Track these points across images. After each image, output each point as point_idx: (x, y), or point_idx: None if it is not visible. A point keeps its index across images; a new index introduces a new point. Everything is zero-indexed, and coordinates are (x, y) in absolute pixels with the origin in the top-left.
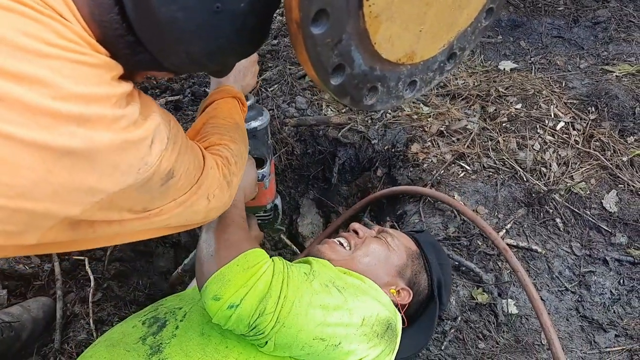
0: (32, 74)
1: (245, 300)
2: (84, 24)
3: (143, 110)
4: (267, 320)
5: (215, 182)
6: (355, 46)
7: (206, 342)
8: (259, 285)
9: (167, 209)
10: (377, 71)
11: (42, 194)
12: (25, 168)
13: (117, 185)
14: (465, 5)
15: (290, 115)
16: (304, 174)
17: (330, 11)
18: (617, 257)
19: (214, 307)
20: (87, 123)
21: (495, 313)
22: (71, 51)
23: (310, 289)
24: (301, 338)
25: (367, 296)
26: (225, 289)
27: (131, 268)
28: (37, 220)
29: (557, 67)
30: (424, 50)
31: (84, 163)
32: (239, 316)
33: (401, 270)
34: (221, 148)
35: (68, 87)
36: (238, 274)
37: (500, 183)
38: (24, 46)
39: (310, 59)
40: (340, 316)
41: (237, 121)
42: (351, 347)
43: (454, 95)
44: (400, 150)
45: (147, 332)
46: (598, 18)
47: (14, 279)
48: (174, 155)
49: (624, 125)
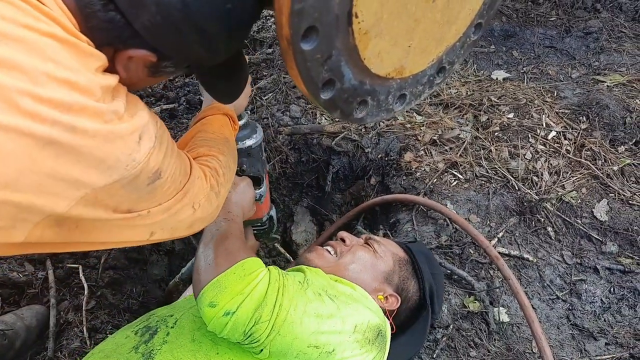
0: (9, 57)
1: (241, 307)
2: (64, 8)
3: (129, 107)
4: (262, 328)
5: (202, 192)
6: (345, 61)
7: (197, 348)
8: (255, 294)
9: (152, 212)
10: (367, 85)
11: (27, 184)
12: (9, 155)
13: (103, 179)
14: (453, 20)
15: (284, 123)
16: (298, 182)
17: (320, 28)
18: (608, 265)
19: (209, 314)
20: (71, 110)
21: (486, 321)
22: (50, 36)
23: (304, 297)
24: (296, 346)
25: (359, 304)
26: (221, 296)
27: (125, 276)
28: (23, 214)
29: (549, 77)
30: (413, 65)
31: (68, 153)
32: (235, 324)
33: (388, 276)
34: (210, 159)
35: (48, 71)
36: (235, 281)
37: (492, 192)
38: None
39: (301, 74)
40: (333, 324)
41: (227, 136)
42: (344, 354)
43: (447, 104)
44: (394, 158)
45: (140, 341)
46: (590, 28)
47: (8, 287)
48: (161, 156)
49: (615, 134)
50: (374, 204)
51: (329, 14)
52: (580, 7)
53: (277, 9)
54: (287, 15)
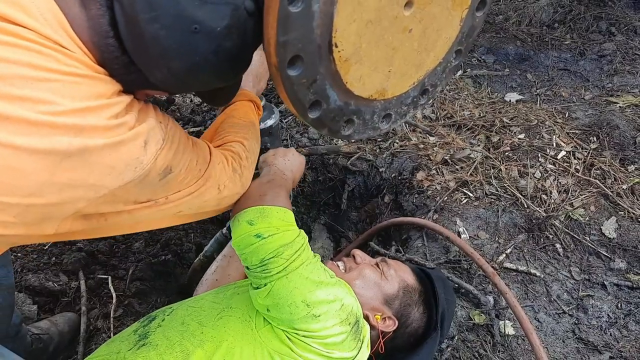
0: (34, 96)
1: (272, 237)
2: (85, 49)
3: (140, 117)
4: (278, 263)
5: (225, 174)
6: (330, 85)
7: (185, 329)
8: (287, 235)
9: (173, 197)
10: (352, 106)
11: (49, 192)
12: (31, 173)
13: (117, 182)
14: (431, 48)
15: (302, 144)
16: (315, 200)
17: (304, 56)
18: (616, 282)
19: (243, 229)
20: (83, 132)
21: (492, 333)
22: (70, 74)
23: (315, 263)
24: (293, 295)
25: (348, 290)
26: (261, 221)
27: (151, 287)
28: (50, 212)
29: (562, 99)
30: (395, 88)
31: (82, 165)
32: (259, 248)
33: (389, 299)
34: (234, 144)
35: (66, 104)
36: (276, 217)
37: (501, 209)
38: (28, 75)
39: (289, 96)
40: (327, 294)
41: (252, 120)
42: (327, 323)
43: (460, 125)
44: (407, 177)
45: (139, 326)
46: (604, 51)
47: (44, 295)
48: (171, 154)
49: (625, 154)
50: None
51: (311, 44)
52: (595, 30)
53: (265, 40)
54: (274, 46)
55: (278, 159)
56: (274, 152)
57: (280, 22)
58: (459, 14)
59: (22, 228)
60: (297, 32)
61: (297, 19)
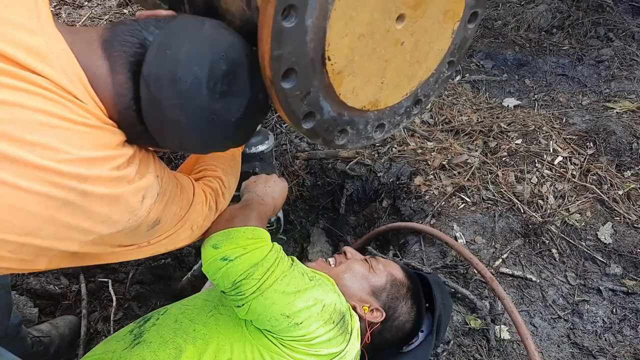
0: (44, 142)
1: (239, 259)
2: (99, 103)
3: (140, 169)
4: (250, 284)
5: (201, 215)
6: (323, 97)
7: (178, 327)
8: (256, 253)
9: (154, 241)
10: (346, 117)
11: (45, 233)
12: (31, 214)
13: (108, 229)
14: (423, 60)
15: (302, 149)
16: (314, 204)
17: (298, 69)
18: (612, 287)
19: (209, 254)
20: (87, 181)
21: (487, 338)
22: (80, 124)
23: (291, 274)
24: (271, 311)
25: (331, 288)
26: (226, 243)
27: (150, 290)
28: (43, 252)
29: (560, 104)
30: (387, 99)
31: (81, 212)
32: (228, 271)
33: (377, 291)
34: (213, 180)
35: (73, 152)
36: (242, 237)
37: (498, 214)
38: (41, 121)
39: (283, 108)
40: (307, 299)
41: (234, 153)
42: (310, 328)
43: (458, 130)
44: (405, 182)
45: (135, 326)
46: (602, 57)
47: (45, 298)
48: (162, 206)
49: (621, 160)
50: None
51: (304, 58)
52: (593, 36)
53: (260, 54)
54: (268, 59)
55: (259, 186)
56: (255, 179)
57: (274, 36)
58: (450, 26)
59: (15, 263)
60: (291, 46)
61: (290, 34)
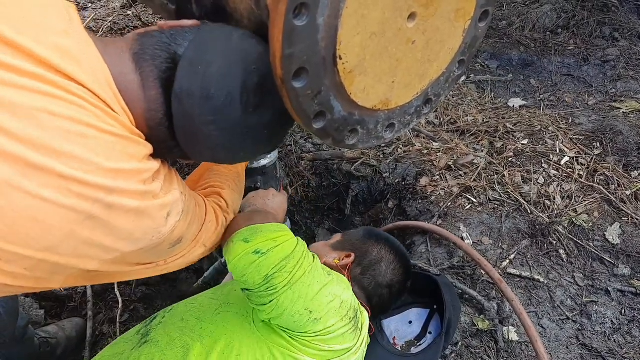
0: (70, 151)
1: (272, 251)
2: (128, 113)
3: (165, 186)
4: (282, 277)
5: (212, 233)
6: (334, 96)
7: (184, 325)
8: (287, 245)
9: (170, 260)
10: (356, 116)
11: (65, 249)
12: (54, 227)
13: (131, 247)
14: (434, 59)
15: (307, 150)
16: (319, 205)
17: (309, 68)
18: (620, 287)
19: (240, 248)
20: (112, 193)
21: (495, 339)
22: (108, 133)
23: (316, 267)
24: (297, 305)
25: (346, 284)
26: (256, 236)
27: (156, 292)
28: (60, 269)
29: (566, 104)
30: (398, 98)
31: (104, 226)
32: (261, 264)
33: (336, 245)
34: (220, 198)
35: (99, 163)
36: (270, 231)
37: (504, 215)
38: (69, 129)
39: (294, 107)
40: (327, 294)
41: (238, 170)
42: (328, 323)
43: (464, 131)
44: (410, 183)
45: (142, 326)
46: (608, 57)
47: (51, 300)
48: (185, 225)
49: (629, 160)
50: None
51: (316, 57)
52: (598, 36)
53: (271, 53)
54: (280, 58)
55: (258, 200)
56: (254, 194)
57: (285, 35)
58: (461, 25)
59: (31, 281)
60: (302, 45)
61: (302, 33)
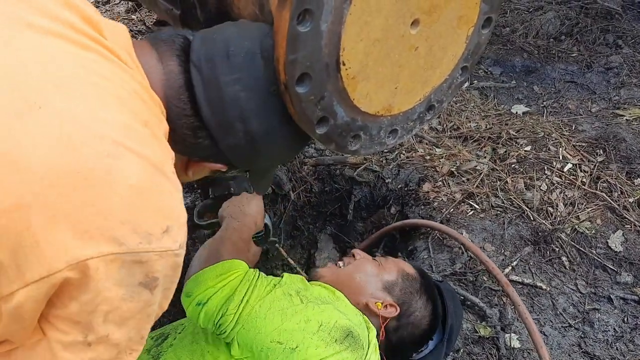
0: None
1: (211, 299)
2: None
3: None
4: (228, 320)
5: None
6: (337, 102)
7: (195, 348)
8: (225, 289)
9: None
10: (359, 122)
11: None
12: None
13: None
14: (437, 65)
15: (309, 155)
16: (321, 210)
17: (312, 74)
18: (622, 295)
19: (186, 304)
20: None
21: (497, 346)
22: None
23: (273, 296)
24: (260, 340)
25: (328, 305)
26: (196, 288)
27: None
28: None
29: (569, 111)
30: (401, 104)
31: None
32: (205, 313)
33: (389, 286)
34: None
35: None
36: (210, 278)
37: (507, 222)
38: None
39: (297, 112)
40: (297, 321)
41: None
42: (308, 351)
43: (466, 137)
44: (413, 189)
45: (153, 345)
46: (611, 64)
47: None
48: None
49: (632, 167)
50: (395, 227)
51: (319, 62)
52: (602, 43)
53: (276, 58)
54: (283, 64)
55: (232, 209)
56: (228, 203)
57: (289, 41)
58: (464, 31)
59: None
60: (306, 50)
61: (305, 39)
